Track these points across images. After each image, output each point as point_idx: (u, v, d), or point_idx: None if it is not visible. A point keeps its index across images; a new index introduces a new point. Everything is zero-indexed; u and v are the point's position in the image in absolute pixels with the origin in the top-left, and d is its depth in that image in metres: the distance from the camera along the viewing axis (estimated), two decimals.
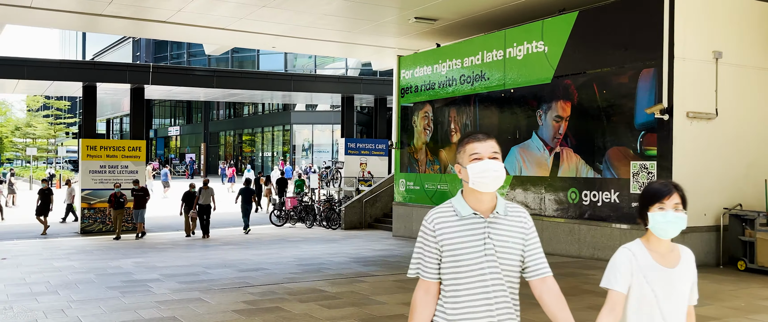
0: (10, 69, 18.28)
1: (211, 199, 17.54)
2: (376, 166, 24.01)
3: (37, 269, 11.37)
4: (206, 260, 12.37)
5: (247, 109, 52.28)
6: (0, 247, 15.48)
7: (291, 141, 46.29)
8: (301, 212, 21.12)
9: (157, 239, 17.65)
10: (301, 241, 16.45)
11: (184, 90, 21.89)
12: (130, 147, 20.27)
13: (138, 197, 17.79)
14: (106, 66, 20.95)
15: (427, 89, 16.06)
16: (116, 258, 12.85)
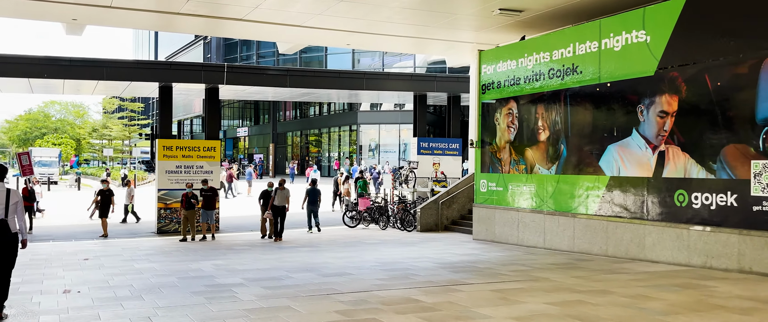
0: (89, 70, 18.50)
1: (286, 200, 17.06)
2: (450, 166, 23.28)
3: (119, 270, 11.19)
4: (286, 263, 11.94)
5: (314, 110, 52.40)
6: (78, 247, 15.58)
7: (357, 141, 46.03)
8: (374, 213, 20.60)
9: (232, 239, 17.47)
10: (377, 243, 15.89)
11: (257, 90, 21.73)
12: (205, 147, 20.24)
13: (207, 198, 17.57)
14: (181, 66, 21.03)
15: (512, 85, 15.21)
16: (196, 260, 12.59)
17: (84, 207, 27.23)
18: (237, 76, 20.15)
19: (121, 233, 19.04)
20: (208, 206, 17.51)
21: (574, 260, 12.14)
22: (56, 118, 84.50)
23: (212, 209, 17.62)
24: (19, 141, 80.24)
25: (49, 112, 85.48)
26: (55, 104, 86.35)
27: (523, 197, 14.86)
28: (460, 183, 19.63)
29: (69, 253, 14.10)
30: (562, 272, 10.50)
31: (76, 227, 20.53)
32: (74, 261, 12.59)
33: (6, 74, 17.47)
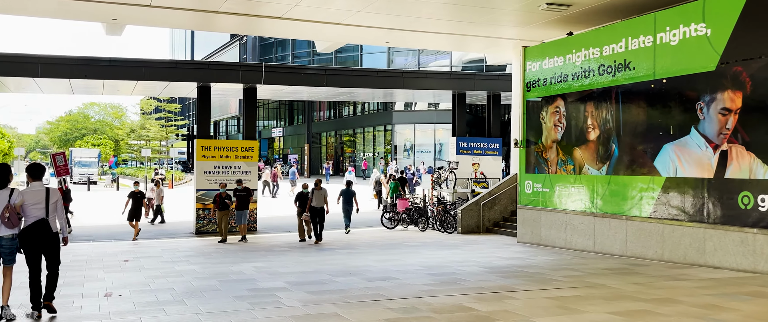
0: (129, 70, 18.49)
1: (324, 201, 16.57)
2: (490, 166, 22.76)
3: (160, 272, 11.00)
4: (328, 266, 11.62)
5: (348, 110, 52.23)
6: (118, 248, 15.52)
7: (392, 141, 45.67)
8: (413, 214, 20.21)
9: (271, 240, 17.24)
10: (418, 246, 15.49)
11: (294, 89, 21.51)
12: (242, 147, 20.11)
13: (241, 198, 17.11)
14: (219, 66, 20.92)
15: (559, 82, 14.66)
16: (236, 262, 12.36)
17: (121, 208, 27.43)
18: (275, 76, 19.94)
19: (160, 234, 18.99)
20: (242, 207, 17.08)
21: (627, 264, 11.57)
22: (95, 119, 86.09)
23: (246, 210, 17.22)
24: (59, 142, 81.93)
25: (88, 114, 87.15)
26: (94, 106, 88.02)
27: (572, 198, 14.29)
28: (502, 184, 19.10)
29: (109, 254, 14.02)
30: (618, 277, 9.96)
31: (115, 228, 20.57)
32: (114, 263, 12.47)
33: (48, 75, 17.54)
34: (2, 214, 6.90)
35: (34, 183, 7.37)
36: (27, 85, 19.36)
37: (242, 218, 17.07)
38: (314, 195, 16.38)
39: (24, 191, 7.22)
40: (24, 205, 7.12)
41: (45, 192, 7.25)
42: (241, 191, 17.25)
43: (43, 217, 7.17)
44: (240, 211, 17.03)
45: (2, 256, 7.08)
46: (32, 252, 7.18)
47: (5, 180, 7.14)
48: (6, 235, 7.02)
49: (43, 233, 7.17)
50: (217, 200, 16.98)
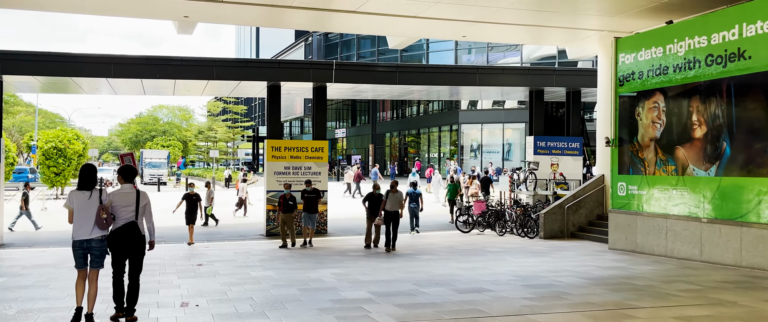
0: (200, 70, 18.22)
1: (399, 205, 15.02)
2: (569, 167, 21.49)
3: (235, 279, 10.45)
4: (411, 274, 10.82)
5: (412, 110, 51.44)
6: (191, 250, 15.17)
7: (458, 141, 44.57)
8: (489, 217, 19.21)
9: (343, 244, 16.54)
10: (501, 252, 14.51)
11: (364, 88, 20.84)
12: (313, 148, 19.57)
13: (309, 200, 15.96)
14: (290, 64, 20.46)
15: (657, 75, 13.41)
16: (313, 268, 11.71)
17: None
18: (345, 74, 19.32)
19: (231, 235, 18.64)
20: (311, 209, 15.91)
21: (746, 277, 10.30)
22: (164, 121, 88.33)
23: (315, 213, 16.04)
24: (131, 143, 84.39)
25: (157, 116, 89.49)
26: (163, 108, 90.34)
27: (673, 201, 13.02)
28: (588, 186, 17.87)
29: (182, 257, 13.65)
30: (745, 293, 8.76)
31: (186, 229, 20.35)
32: (188, 267, 12.04)
33: (120, 75, 17.45)
34: (98, 214, 6.84)
35: (125, 185, 7.27)
36: (100, 86, 19.40)
37: (310, 222, 15.98)
38: (389, 198, 14.84)
39: (113, 193, 7.14)
40: (113, 206, 7.05)
41: (135, 194, 7.18)
42: (310, 193, 16.11)
43: (133, 220, 7.10)
44: (308, 214, 15.96)
45: (91, 258, 6.97)
46: (119, 255, 7.12)
47: (93, 181, 7.05)
48: (96, 236, 6.93)
49: (132, 236, 7.10)
50: (281, 201, 15.86)
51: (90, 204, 6.91)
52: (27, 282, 10.17)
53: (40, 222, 20.49)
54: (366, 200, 15.55)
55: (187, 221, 16.82)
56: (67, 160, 35.12)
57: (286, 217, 15.74)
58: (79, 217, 6.90)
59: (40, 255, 14.19)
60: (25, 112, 70.91)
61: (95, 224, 6.88)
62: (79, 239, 6.94)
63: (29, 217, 20.04)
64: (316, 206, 16.19)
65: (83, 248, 6.93)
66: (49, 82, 18.48)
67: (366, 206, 15.50)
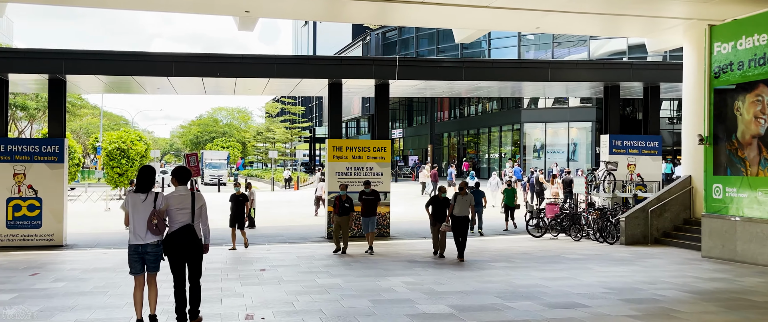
0: (261, 68, 17.71)
1: (469, 209, 13.33)
2: (647, 167, 20.07)
3: (301, 287, 9.76)
4: (490, 285, 9.90)
5: (471, 109, 50.23)
6: (252, 253, 14.62)
7: (520, 141, 43.12)
8: (563, 221, 18.04)
9: (408, 248, 15.67)
10: (582, 259, 13.38)
11: (428, 84, 19.94)
12: (375, 147, 18.84)
13: (368, 202, 14.77)
14: (352, 61, 19.74)
15: (761, 65, 12.06)
16: (382, 275, 10.92)
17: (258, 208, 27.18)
18: (409, 70, 18.48)
19: (292, 238, 18.07)
20: (369, 212, 14.74)
21: None
22: (223, 123, 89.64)
23: (373, 216, 14.84)
24: (191, 145, 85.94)
25: (217, 118, 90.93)
26: (222, 110, 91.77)
27: None
28: (673, 188, 16.50)
29: (244, 261, 13.09)
30: None
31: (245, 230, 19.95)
32: (251, 272, 11.44)
33: (181, 74, 17.12)
34: (149, 220, 6.66)
35: (180, 187, 7.07)
36: (162, 85, 19.15)
37: (369, 225, 14.75)
38: (457, 202, 13.18)
39: (169, 196, 6.93)
40: (169, 210, 6.86)
41: (191, 197, 6.99)
42: (369, 195, 14.90)
43: (190, 223, 6.89)
44: (367, 217, 14.76)
45: (146, 263, 6.81)
46: (177, 260, 6.90)
47: (150, 183, 6.88)
48: (152, 241, 6.75)
49: (189, 240, 6.88)
50: (337, 203, 14.65)
51: (145, 207, 6.73)
52: (86, 288, 9.75)
53: None
54: (429, 205, 13.93)
55: (230, 223, 15.57)
56: (129, 160, 35.55)
57: (341, 220, 14.54)
58: (135, 220, 6.74)
59: (100, 257, 13.90)
60: (91, 114, 72.96)
61: (148, 228, 6.70)
62: (134, 243, 6.77)
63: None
64: (375, 209, 14.93)
65: (138, 253, 6.76)
66: (112, 81, 18.34)
67: (429, 211, 13.90)
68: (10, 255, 14.67)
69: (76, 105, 55.19)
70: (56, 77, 16.90)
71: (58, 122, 17.21)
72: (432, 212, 13.81)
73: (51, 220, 16.68)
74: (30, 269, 11.80)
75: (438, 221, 13.60)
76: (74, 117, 60.04)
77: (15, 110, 48.82)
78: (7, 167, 16.55)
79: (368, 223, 14.80)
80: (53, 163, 16.83)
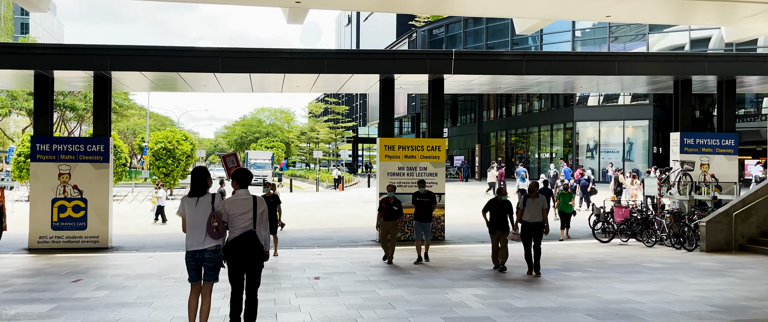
0: (310, 63, 16.87)
1: (542, 213, 11.35)
2: (722, 167, 18.53)
3: (362, 299, 8.82)
4: (574, 299, 8.78)
5: (519, 108, 48.75)
6: (303, 258, 13.75)
7: (573, 140, 41.48)
8: (633, 225, 16.71)
9: (468, 254, 14.58)
10: (666, 268, 12.10)
11: (485, 80, 18.80)
12: (429, 146, 17.83)
13: (422, 205, 12.96)
14: (405, 55, 18.68)
15: None
16: (449, 287, 9.90)
17: (296, 210, 26.48)
18: (466, 64, 17.37)
19: (342, 241, 17.18)
20: (424, 216, 12.91)
21: None
22: (267, 123, 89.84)
23: (428, 221, 13.02)
24: (236, 145, 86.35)
25: (260, 118, 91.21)
26: (265, 111, 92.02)
27: None
28: (760, 190, 15.03)
29: (295, 267, 12.22)
30: None
31: (294, 232, 19.20)
32: (304, 281, 10.56)
33: (228, 70, 16.40)
34: (209, 223, 6.33)
35: (241, 191, 6.67)
36: (208, 82, 18.51)
37: (424, 232, 13.01)
38: (528, 205, 11.36)
39: (228, 200, 6.59)
40: (230, 215, 6.49)
41: (252, 201, 6.61)
42: (423, 196, 13.08)
43: (252, 229, 6.52)
44: (421, 222, 13.00)
45: (204, 271, 6.46)
46: (237, 268, 6.53)
47: (204, 186, 6.56)
48: (210, 247, 6.39)
49: (251, 247, 6.49)
50: (384, 205, 12.83)
51: (199, 211, 6.39)
52: (129, 297, 8.99)
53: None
54: (487, 210, 11.91)
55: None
56: (175, 160, 35.33)
57: (389, 225, 12.79)
58: (190, 225, 6.43)
59: (146, 262, 13.24)
60: (137, 115, 73.85)
61: (207, 233, 6.33)
62: (191, 249, 6.42)
63: None
64: (431, 213, 13.10)
65: (196, 260, 6.42)
66: (158, 78, 17.77)
67: (487, 217, 11.90)
68: (55, 258, 14.15)
69: (123, 106, 55.70)
70: (101, 74, 16.38)
71: (103, 121, 16.70)
72: (490, 217, 11.85)
73: (96, 221, 16.17)
74: (72, 275, 11.17)
75: (498, 229, 11.75)
76: (121, 118, 60.69)
77: (64, 111, 49.45)
78: (52, 166, 16.10)
79: (423, 229, 12.98)
80: (98, 162, 16.32)
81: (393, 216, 12.73)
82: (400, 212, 12.86)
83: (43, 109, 16.46)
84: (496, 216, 11.79)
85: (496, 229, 11.75)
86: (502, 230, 11.72)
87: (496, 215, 11.80)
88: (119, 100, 52.92)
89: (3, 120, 60.10)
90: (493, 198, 12.01)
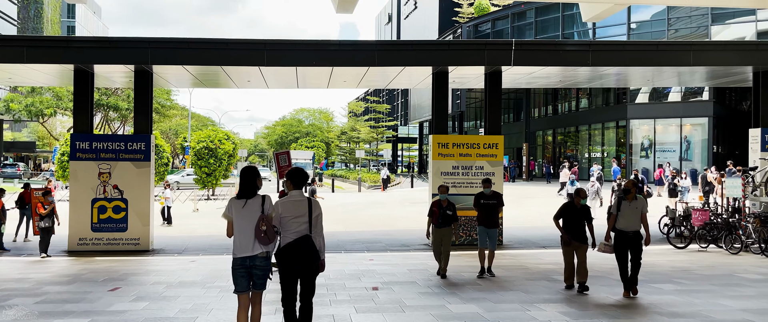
0: (361, 55, 15.80)
1: (640, 219, 9.21)
2: None
3: (432, 316, 7.71)
4: (681, 319, 7.49)
5: (566, 106, 46.96)
6: (354, 263, 12.68)
7: (626, 139, 39.59)
8: (712, 229, 15.20)
9: (535, 261, 13.28)
10: (765, 281, 10.66)
11: (546, 72, 17.42)
12: (485, 143, 16.61)
13: (488, 208, 10.89)
14: (461, 46, 17.40)
15: None
16: (526, 302, 8.69)
17: (340, 212, 25.54)
18: (527, 55, 16.08)
19: (391, 244, 16.09)
20: (490, 222, 10.81)
21: None
22: (307, 123, 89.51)
23: (495, 227, 10.90)
24: (276, 145, 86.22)
25: (300, 118, 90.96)
26: (304, 111, 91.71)
27: None
28: None
29: (349, 275, 11.17)
30: None
31: (340, 234, 18.21)
32: (362, 291, 9.49)
33: (274, 63, 15.48)
34: (257, 227, 5.79)
35: (294, 192, 6.11)
36: (252, 77, 17.61)
37: (489, 239, 10.82)
38: (622, 210, 9.19)
39: (281, 202, 6.07)
40: (283, 218, 5.98)
41: (307, 203, 6.04)
42: (489, 198, 10.92)
43: (307, 233, 5.98)
44: (487, 228, 10.82)
45: (253, 279, 5.91)
46: (290, 276, 6.01)
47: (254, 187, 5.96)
48: (260, 253, 5.86)
49: (306, 253, 5.94)
50: (435, 210, 10.80)
51: (246, 214, 5.83)
52: (170, 311, 8.04)
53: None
54: (560, 216, 9.76)
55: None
56: (217, 160, 34.78)
57: (442, 233, 10.70)
58: (238, 229, 5.87)
59: (188, 267, 12.36)
60: (179, 115, 74.16)
61: (255, 237, 5.78)
62: (240, 256, 5.85)
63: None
64: (498, 218, 11.10)
65: (245, 268, 5.85)
66: (200, 73, 16.94)
67: (560, 224, 9.77)
68: (94, 262, 13.41)
69: (165, 106, 55.78)
70: (142, 68, 15.63)
71: (144, 117, 15.94)
72: (564, 225, 9.69)
73: (137, 223, 15.41)
74: (110, 282, 10.31)
75: (575, 239, 9.54)
76: (164, 118, 60.85)
77: (108, 111, 49.60)
78: (92, 165, 15.41)
79: (488, 236, 10.86)
80: (139, 161, 15.56)
81: (446, 222, 10.74)
82: (455, 217, 10.80)
83: (82, 105, 15.79)
84: (572, 224, 9.59)
85: (573, 239, 9.54)
86: (579, 241, 9.55)
87: (572, 223, 9.60)
88: (161, 100, 52.94)
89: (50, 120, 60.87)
90: (568, 201, 9.87)
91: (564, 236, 9.62)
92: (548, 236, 16.96)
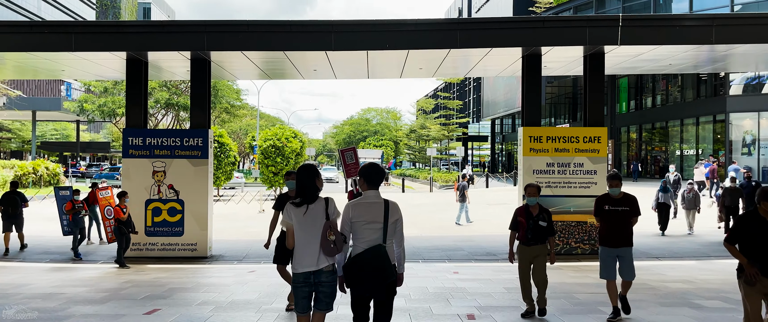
0: (439, 36, 13.78)
1: None
2: None
3: None
4: None
5: (650, 100, 43.42)
6: (432, 272, 10.69)
7: (726, 135, 35.94)
8: None
9: (655, 275, 10.95)
10: None
11: (657, 54, 14.92)
12: (586, 137, 14.35)
13: (616, 218, 7.54)
14: (558, 22, 15.05)
15: None
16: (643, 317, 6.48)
17: (412, 214, 23.71)
18: (636, 32, 13.65)
19: (473, 252, 14.01)
20: (621, 238, 7.52)
21: None
22: (374, 122, 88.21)
23: (630, 245, 7.56)
24: (344, 144, 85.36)
25: (368, 118, 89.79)
26: (371, 111, 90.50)
27: None
28: None
29: (432, 294, 9.19)
30: None
31: (415, 239, 16.27)
32: (454, 320, 7.47)
33: (343, 47, 13.68)
34: (324, 236, 4.85)
35: (370, 192, 5.10)
36: (319, 67, 15.90)
37: (623, 265, 7.54)
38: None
39: (353, 204, 5.09)
40: (353, 223, 5.03)
41: (383, 206, 5.05)
42: (618, 202, 7.56)
43: (381, 243, 4.98)
44: (615, 248, 7.50)
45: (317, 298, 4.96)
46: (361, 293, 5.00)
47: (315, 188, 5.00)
48: (326, 267, 4.92)
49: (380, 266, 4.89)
50: (522, 220, 7.70)
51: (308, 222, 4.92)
52: None
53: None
54: (738, 233, 5.74)
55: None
56: (284, 158, 33.50)
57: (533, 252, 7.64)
58: (300, 240, 4.96)
59: (245, 280, 10.68)
60: (249, 115, 74.15)
61: (321, 248, 4.87)
62: (304, 270, 4.94)
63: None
64: (631, 233, 7.58)
65: (309, 284, 4.93)
66: (263, 62, 15.33)
67: (737, 248, 5.79)
68: (142, 271, 11.96)
69: (235, 106, 55.39)
70: (198, 56, 14.15)
71: (201, 110, 14.47)
72: (742, 248, 5.73)
73: (194, 226, 13.94)
74: (150, 301, 8.66)
75: (759, 262, 5.55)
76: (234, 118, 60.61)
77: (179, 111, 49.41)
78: (146, 163, 14.04)
79: (621, 260, 7.53)
80: (196, 158, 14.10)
81: (538, 237, 7.59)
82: (551, 230, 7.68)
83: (135, 97, 14.46)
84: (760, 247, 5.57)
85: (757, 263, 5.55)
86: (762, 266, 5.54)
87: (759, 245, 5.58)
88: (231, 100, 52.50)
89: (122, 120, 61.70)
90: (751, 210, 5.73)
91: (749, 270, 5.56)
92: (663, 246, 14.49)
